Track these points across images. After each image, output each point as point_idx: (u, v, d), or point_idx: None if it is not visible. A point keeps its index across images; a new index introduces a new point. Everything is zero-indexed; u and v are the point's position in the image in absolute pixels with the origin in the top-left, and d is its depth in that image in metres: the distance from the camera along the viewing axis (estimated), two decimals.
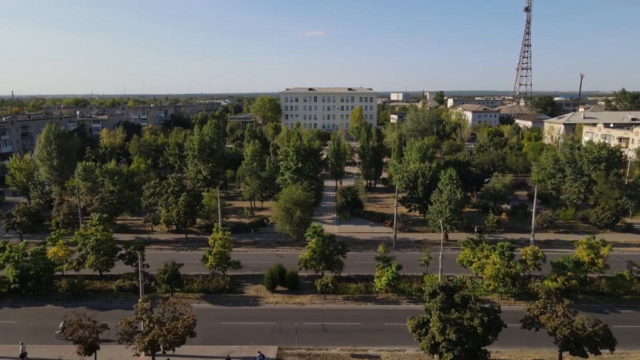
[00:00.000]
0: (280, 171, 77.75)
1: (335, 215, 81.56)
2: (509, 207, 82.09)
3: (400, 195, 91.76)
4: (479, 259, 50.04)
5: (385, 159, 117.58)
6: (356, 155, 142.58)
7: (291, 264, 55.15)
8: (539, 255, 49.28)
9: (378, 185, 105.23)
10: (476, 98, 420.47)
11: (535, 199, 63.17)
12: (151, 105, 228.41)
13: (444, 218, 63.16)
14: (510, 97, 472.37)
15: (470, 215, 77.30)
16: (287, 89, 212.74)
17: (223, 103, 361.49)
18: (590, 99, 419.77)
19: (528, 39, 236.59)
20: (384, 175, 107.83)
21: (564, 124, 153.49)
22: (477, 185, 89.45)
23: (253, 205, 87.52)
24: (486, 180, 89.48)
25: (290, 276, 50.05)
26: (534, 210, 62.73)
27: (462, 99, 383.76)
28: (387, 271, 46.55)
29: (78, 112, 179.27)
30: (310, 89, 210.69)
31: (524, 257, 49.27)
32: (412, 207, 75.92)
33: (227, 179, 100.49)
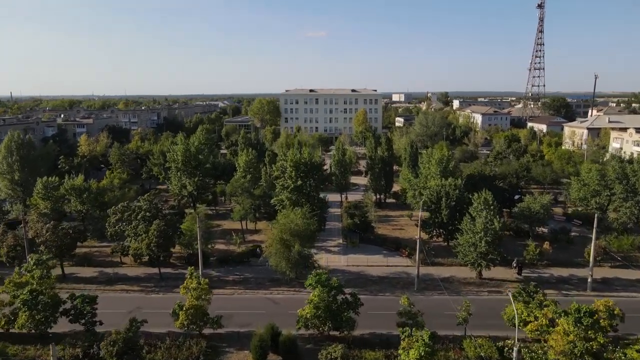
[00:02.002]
0: (276, 190, 65.27)
1: (341, 241, 69.04)
2: (545, 230, 69.66)
3: (416, 214, 79.44)
4: (536, 318, 37.72)
5: (394, 167, 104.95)
6: (362, 162, 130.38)
7: (287, 316, 43.10)
8: (615, 312, 36.80)
9: (389, 201, 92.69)
10: (479, 99, 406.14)
11: (595, 228, 50.51)
12: (142, 108, 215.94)
13: (479, 252, 50.73)
14: (514, 99, 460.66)
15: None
16: (286, 90, 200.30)
17: (221, 104, 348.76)
18: (599, 100, 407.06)
19: (541, 38, 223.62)
20: (395, 186, 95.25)
21: (588, 128, 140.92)
22: (506, 203, 76.95)
23: (245, 227, 75.12)
24: (516, 197, 77.00)
25: (285, 343, 37.63)
26: (593, 242, 50.23)
27: (467, 100, 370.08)
28: (418, 342, 34.05)
29: (62, 115, 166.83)
30: (311, 91, 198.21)
31: (595, 316, 36.69)
32: (435, 233, 63.51)
33: (217, 194, 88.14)
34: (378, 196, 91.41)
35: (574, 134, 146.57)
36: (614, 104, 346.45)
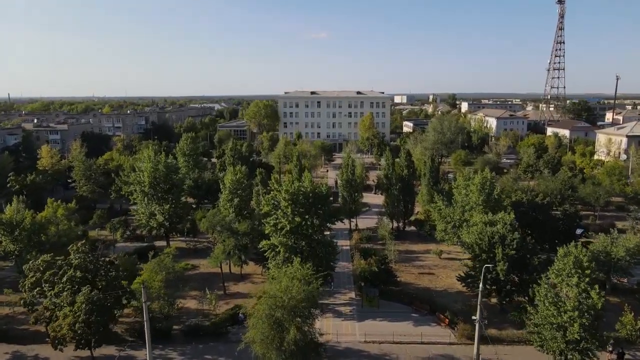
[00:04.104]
0: (266, 231, 47.93)
1: (353, 295, 51.90)
2: (625, 281, 52.48)
3: (446, 248, 62.46)
4: None
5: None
6: (370, 174, 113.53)
7: None
8: None
9: (408, 229, 75.60)
10: (483, 101, 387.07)
11: None
12: (128, 112, 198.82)
13: (568, 341, 33.56)
14: (518, 100, 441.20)
15: None
16: (286, 93, 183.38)
17: (217, 107, 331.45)
18: (612, 102, 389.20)
19: (561, 36, 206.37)
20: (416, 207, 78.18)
21: (627, 135, 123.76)
22: (564, 239, 59.86)
23: (229, 270, 58.22)
24: (579, 231, 59.95)
25: None
26: None
27: (472, 102, 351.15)
28: None
29: (35, 120, 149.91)
30: (312, 93, 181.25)
31: None
32: (486, 292, 46.33)
33: (196, 222, 70.97)
34: (396, 224, 74.39)
35: (611, 142, 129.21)
36: (630, 107, 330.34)
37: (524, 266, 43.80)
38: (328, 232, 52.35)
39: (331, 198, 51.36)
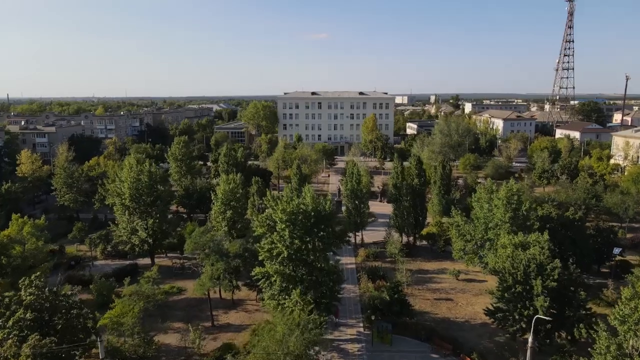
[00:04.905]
0: (260, 256, 40.70)
1: (361, 329, 44.78)
2: None
3: (463, 267, 55.35)
4: None
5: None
6: (375, 179, 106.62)
7: None
8: None
9: (419, 243, 68.62)
10: (485, 102, 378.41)
11: None
12: (121, 113, 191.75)
13: None
14: (519, 100, 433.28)
15: None
16: (285, 93, 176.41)
17: (216, 108, 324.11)
18: (619, 102, 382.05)
19: (570, 34, 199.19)
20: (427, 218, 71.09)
21: None
22: (597, 259, 53.00)
23: (219, 295, 51.29)
24: (616, 251, 52.99)
25: None
26: None
27: (476, 102, 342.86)
28: None
29: (22, 122, 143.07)
30: (313, 94, 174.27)
31: None
32: (522, 328, 39.11)
33: (184, 238, 64.04)
34: (406, 238, 67.45)
35: (628, 145, 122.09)
36: (637, 107, 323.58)
37: (567, 299, 36.79)
38: (331, 253, 45.44)
39: (336, 216, 44.31)
